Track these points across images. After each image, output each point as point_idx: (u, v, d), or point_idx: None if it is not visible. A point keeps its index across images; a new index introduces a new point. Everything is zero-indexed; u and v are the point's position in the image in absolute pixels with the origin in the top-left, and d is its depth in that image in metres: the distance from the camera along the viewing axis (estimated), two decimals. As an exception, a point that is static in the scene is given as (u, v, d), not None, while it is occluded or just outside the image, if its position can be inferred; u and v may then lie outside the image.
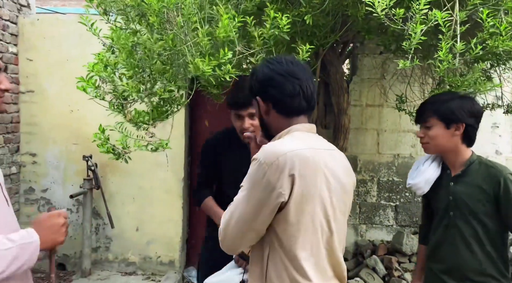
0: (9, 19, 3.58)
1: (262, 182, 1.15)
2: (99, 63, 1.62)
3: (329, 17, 2.05)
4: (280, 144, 1.21)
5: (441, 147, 1.70)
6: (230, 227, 1.21)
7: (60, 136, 3.79)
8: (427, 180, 1.76)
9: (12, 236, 1.16)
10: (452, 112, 1.65)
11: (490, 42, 1.39)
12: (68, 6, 9.79)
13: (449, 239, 1.71)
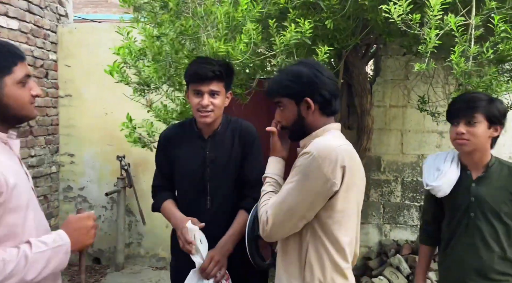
0: (49, 29, 3.84)
1: (316, 174, 1.27)
2: (124, 48, 1.76)
3: (349, 21, 2.13)
4: (329, 140, 1.34)
5: (478, 145, 1.65)
6: (280, 216, 1.31)
7: (95, 137, 4.03)
8: (449, 182, 1.71)
9: (45, 239, 1.18)
10: (499, 112, 1.63)
11: (501, 46, 1.45)
12: (99, 12, 10.21)
13: (468, 240, 1.69)
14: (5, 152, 1.21)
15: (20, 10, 3.41)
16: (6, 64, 1.18)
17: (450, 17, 1.46)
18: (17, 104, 1.20)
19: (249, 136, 1.78)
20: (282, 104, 1.42)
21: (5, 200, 1.11)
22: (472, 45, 1.47)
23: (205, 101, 1.65)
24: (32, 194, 1.26)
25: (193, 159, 1.75)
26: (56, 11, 3.95)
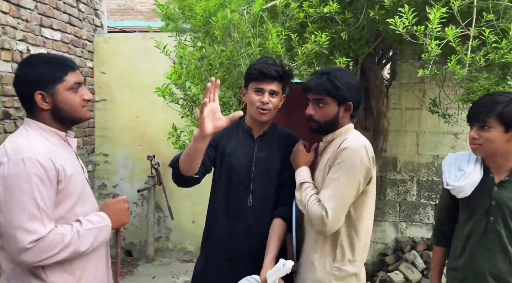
0: (87, 39, 4.19)
1: (360, 166, 1.53)
2: (175, 74, 2.03)
3: (363, 31, 2.34)
4: (358, 137, 1.62)
5: (494, 150, 1.61)
6: (337, 208, 1.52)
7: (128, 139, 4.34)
8: (472, 183, 1.66)
9: (91, 218, 1.41)
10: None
11: (492, 55, 1.63)
12: (126, 20, 10.66)
13: (486, 244, 1.65)
14: (65, 147, 1.44)
15: (62, 22, 3.75)
16: (58, 74, 1.38)
17: (449, 30, 1.65)
18: (69, 108, 1.40)
19: (294, 142, 1.83)
20: (324, 102, 1.62)
21: (64, 187, 1.35)
22: (469, 54, 1.66)
23: (265, 98, 1.71)
24: (86, 184, 1.48)
25: (242, 156, 1.79)
26: (92, 22, 4.29)
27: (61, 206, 1.35)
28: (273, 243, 1.71)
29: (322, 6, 2.06)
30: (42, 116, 1.40)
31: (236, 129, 1.85)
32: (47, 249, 1.28)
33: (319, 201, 1.55)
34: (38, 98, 1.37)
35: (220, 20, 1.89)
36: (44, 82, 1.37)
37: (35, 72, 1.38)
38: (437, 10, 1.65)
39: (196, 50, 2.15)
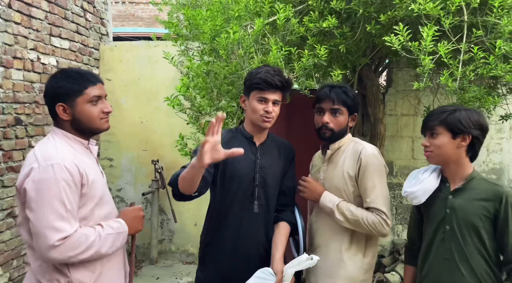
0: (93, 47, 4.31)
1: (384, 169, 1.82)
2: (183, 87, 2.16)
3: (360, 43, 2.48)
4: (368, 143, 1.87)
5: (445, 157, 1.67)
6: (389, 209, 1.75)
7: (132, 144, 4.46)
8: (425, 190, 1.70)
9: (112, 224, 1.53)
10: (459, 122, 1.63)
11: (481, 70, 1.77)
12: (127, 26, 10.77)
13: (444, 254, 1.67)
14: (87, 154, 1.57)
15: (70, 31, 3.88)
16: (78, 88, 1.50)
17: (441, 46, 1.79)
18: (87, 119, 1.52)
19: (291, 152, 1.94)
20: (341, 112, 1.82)
21: (87, 191, 1.47)
22: (460, 69, 1.79)
23: (270, 108, 1.75)
24: (105, 188, 1.61)
25: (245, 163, 1.79)
26: (99, 31, 4.42)
27: (84, 208, 1.48)
28: (281, 241, 1.78)
29: (322, 21, 2.19)
30: (64, 125, 1.53)
31: (235, 136, 1.85)
32: (73, 247, 1.40)
33: (367, 209, 1.75)
34: (59, 109, 1.50)
35: (224, 40, 2.02)
36: (64, 95, 1.50)
37: (58, 85, 1.51)
38: (429, 28, 1.78)
39: (203, 64, 2.29)
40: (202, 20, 2.09)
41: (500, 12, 1.86)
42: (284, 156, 1.91)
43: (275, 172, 1.86)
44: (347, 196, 1.81)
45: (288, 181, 1.91)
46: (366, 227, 1.73)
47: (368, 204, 1.76)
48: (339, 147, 1.87)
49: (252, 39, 2.14)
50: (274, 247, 1.78)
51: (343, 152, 1.86)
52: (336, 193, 1.82)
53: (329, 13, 2.22)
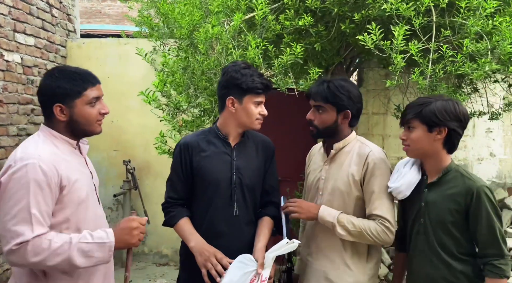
0: (60, 44, 4.16)
1: (388, 170, 1.73)
2: (161, 83, 2.12)
3: (335, 42, 2.52)
4: (374, 145, 1.78)
5: (422, 150, 1.65)
6: (393, 216, 1.68)
7: (102, 144, 4.33)
8: (408, 184, 1.67)
9: (95, 233, 1.38)
10: (434, 114, 1.59)
11: (449, 67, 1.85)
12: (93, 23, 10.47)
13: (419, 246, 1.68)
14: (74, 154, 1.50)
15: (35, 27, 3.72)
16: (77, 89, 1.44)
17: (412, 45, 1.85)
18: (85, 121, 1.47)
19: (270, 148, 1.88)
20: (323, 109, 1.73)
21: (68, 192, 1.40)
22: (430, 67, 1.86)
23: (265, 110, 1.76)
24: (92, 190, 1.52)
25: (220, 165, 1.75)
26: (65, 27, 4.27)
27: (63, 211, 1.40)
28: (263, 233, 1.75)
29: (297, 19, 2.22)
30: (57, 125, 1.47)
31: (207, 138, 1.80)
32: (33, 253, 1.29)
33: (370, 216, 1.68)
34: (56, 110, 1.44)
35: (202, 35, 2.00)
36: (63, 95, 1.43)
37: (57, 85, 1.43)
38: (400, 27, 1.84)
39: (180, 60, 2.26)
40: (179, 14, 2.06)
41: (466, 13, 1.95)
42: (263, 153, 1.85)
43: (253, 172, 1.80)
44: (348, 199, 1.73)
45: (270, 179, 1.87)
46: (369, 238, 1.65)
47: (372, 210, 1.68)
48: (343, 147, 1.77)
49: (230, 35, 2.14)
50: (256, 238, 1.75)
51: (348, 152, 1.76)
52: (337, 195, 1.74)
53: (305, 11, 2.25)
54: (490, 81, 2.93)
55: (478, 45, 1.82)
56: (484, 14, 1.89)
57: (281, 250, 1.60)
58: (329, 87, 1.71)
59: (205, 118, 2.34)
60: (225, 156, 1.77)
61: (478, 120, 3.61)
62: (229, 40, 2.03)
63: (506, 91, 2.98)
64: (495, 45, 1.82)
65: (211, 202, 1.75)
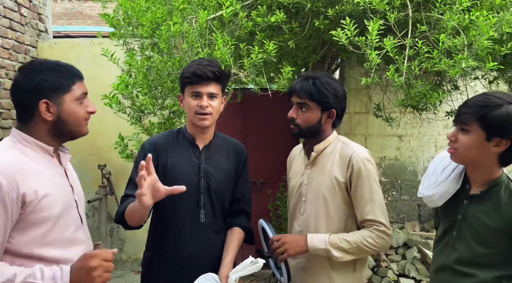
0: (30, 44, 3.99)
1: (377, 173, 1.60)
2: (122, 84, 2.00)
3: (310, 40, 2.43)
4: (357, 145, 1.64)
5: (471, 159, 1.38)
6: (387, 218, 1.57)
7: (76, 147, 4.13)
8: (443, 194, 1.46)
9: (48, 271, 1.14)
10: (501, 123, 1.28)
11: (425, 64, 1.77)
12: (74, 24, 10.25)
13: (445, 260, 1.48)
14: (49, 164, 1.26)
15: (2, 27, 3.56)
16: (66, 83, 1.25)
17: (387, 40, 1.77)
18: (73, 120, 1.27)
19: (243, 154, 1.77)
20: (307, 106, 1.58)
21: (33, 210, 1.15)
22: (405, 63, 1.78)
23: (204, 102, 1.58)
24: (69, 206, 1.27)
25: (187, 169, 1.64)
26: (36, 27, 4.10)
27: (28, 232, 1.17)
28: (232, 246, 1.64)
29: (270, 16, 2.12)
30: (36, 128, 1.24)
31: (177, 140, 1.70)
32: None
33: (362, 223, 1.56)
34: (42, 108, 1.22)
35: (164, 32, 1.88)
36: (50, 90, 1.23)
37: (41, 79, 1.22)
38: (375, 22, 1.75)
39: (145, 59, 2.14)
40: (141, 11, 1.94)
41: (443, 7, 1.88)
42: (235, 158, 1.73)
43: (223, 177, 1.68)
44: (334, 204, 1.59)
45: (242, 186, 1.75)
46: (369, 249, 1.52)
47: (364, 216, 1.55)
48: (324, 148, 1.64)
49: (197, 33, 2.03)
50: (224, 251, 1.65)
51: (330, 154, 1.63)
52: (321, 200, 1.60)
53: (278, 7, 2.15)
54: (470, 78, 2.88)
55: (454, 41, 1.75)
56: (461, 9, 1.82)
57: (245, 271, 1.47)
58: (315, 83, 1.57)
59: (175, 120, 2.23)
60: (193, 158, 1.66)
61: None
62: (196, 39, 1.91)
63: (487, 88, 2.94)
64: (472, 41, 1.75)
65: (177, 207, 1.63)
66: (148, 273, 1.71)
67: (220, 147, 1.73)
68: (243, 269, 1.48)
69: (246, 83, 2.77)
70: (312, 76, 1.61)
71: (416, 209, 4.06)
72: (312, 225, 1.63)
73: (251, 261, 1.47)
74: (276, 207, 3.87)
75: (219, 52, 1.91)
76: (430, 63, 1.75)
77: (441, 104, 2.72)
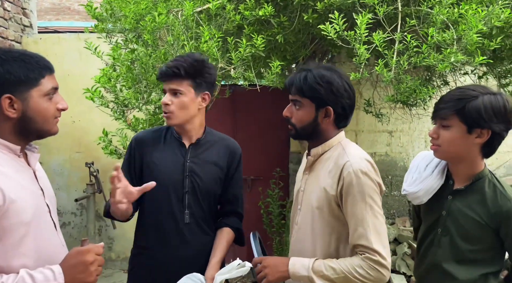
0: (14, 39, 3.90)
1: (375, 187, 1.32)
2: (104, 77, 1.94)
3: (299, 34, 2.40)
4: (356, 152, 1.36)
5: (454, 153, 1.37)
6: (386, 244, 1.29)
7: (63, 145, 4.10)
8: (428, 190, 1.44)
9: (37, 274, 1.07)
10: (479, 113, 1.29)
11: (414, 59, 1.74)
12: (62, 19, 10.10)
13: (431, 258, 1.45)
14: (15, 165, 1.15)
15: (-16, 22, 3.47)
16: (33, 76, 1.13)
17: (376, 34, 1.74)
18: (41, 118, 1.16)
19: (236, 153, 1.69)
20: (300, 104, 1.38)
21: (2, 217, 1.05)
22: (394, 58, 1.75)
23: (164, 99, 1.53)
24: (42, 211, 1.18)
25: (171, 167, 1.59)
26: (20, 22, 4.01)
27: (1, 240, 1.06)
28: (221, 246, 1.60)
29: (258, 9, 2.08)
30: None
31: (164, 137, 1.65)
32: None
33: (354, 248, 1.33)
34: (5, 103, 1.10)
35: (149, 23, 1.83)
36: (15, 84, 1.10)
37: (5, 70, 1.10)
38: (363, 16, 1.72)
39: (129, 52, 2.08)
40: (124, 2, 1.88)
41: (432, 1, 1.85)
42: (226, 157, 1.66)
43: (210, 176, 1.62)
44: (320, 220, 1.39)
45: (234, 188, 1.69)
46: (358, 281, 1.29)
47: (355, 240, 1.32)
48: (323, 153, 1.42)
49: (183, 26, 1.98)
50: (212, 251, 1.60)
51: (327, 160, 1.41)
52: (310, 212, 1.42)
53: (266, 1, 2.11)
54: (460, 73, 2.87)
55: (444, 35, 1.72)
56: (450, 2, 1.80)
57: (231, 273, 1.41)
58: (306, 77, 1.36)
59: (161, 115, 2.18)
60: (178, 156, 1.61)
61: (449, 114, 3.55)
62: (182, 31, 1.86)
63: (476, 83, 2.93)
64: (462, 35, 1.73)
65: (161, 206, 1.60)
66: (134, 270, 1.69)
67: (210, 145, 1.66)
68: (229, 272, 1.42)
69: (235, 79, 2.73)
70: (308, 68, 1.41)
71: (406, 205, 4.06)
72: (302, 239, 1.46)
73: (238, 263, 1.41)
74: (267, 204, 3.84)
75: (206, 45, 1.87)
76: (419, 57, 1.73)
77: (431, 99, 2.70)
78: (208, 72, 1.58)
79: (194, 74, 1.54)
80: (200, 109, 1.60)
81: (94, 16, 2.16)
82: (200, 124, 1.64)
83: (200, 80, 1.56)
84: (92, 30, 3.59)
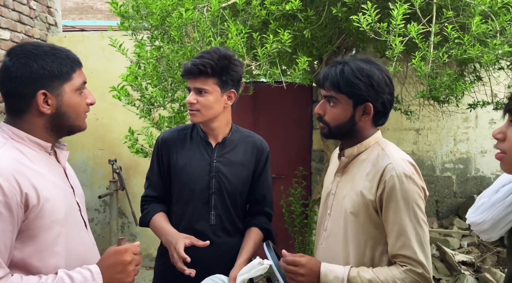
0: (39, 38, 3.95)
1: (420, 193, 1.21)
2: (131, 75, 1.92)
3: (326, 29, 2.32)
4: (399, 154, 1.25)
5: None
6: (428, 254, 1.20)
7: (87, 142, 4.14)
8: (496, 223, 1.07)
9: (75, 274, 1.05)
10: None
11: (454, 51, 1.64)
12: (85, 19, 10.26)
13: None
14: (47, 163, 1.12)
15: (11, 21, 3.51)
16: (66, 70, 1.11)
17: (412, 26, 1.65)
18: (74, 113, 1.14)
19: (264, 151, 1.64)
20: (336, 100, 1.26)
21: (37, 214, 1.03)
22: (431, 51, 1.66)
23: (189, 98, 1.49)
24: (73, 209, 1.16)
25: (197, 167, 1.56)
26: (46, 21, 4.06)
27: (33, 240, 1.04)
28: (248, 246, 1.56)
29: (284, 4, 2.02)
30: (31, 122, 1.10)
31: (190, 136, 1.61)
32: None
33: (393, 258, 1.23)
34: (40, 99, 1.07)
35: (175, 20, 1.79)
36: (49, 79, 1.08)
37: (40, 65, 1.07)
38: (400, 6, 1.64)
39: (154, 50, 2.05)
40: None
41: (471, -9, 1.75)
42: (254, 156, 1.61)
43: (237, 177, 1.57)
44: (355, 226, 1.27)
45: (262, 187, 1.64)
46: None
47: (396, 250, 1.20)
48: (359, 153, 1.30)
49: (209, 21, 1.94)
50: (239, 252, 1.56)
51: (363, 161, 1.29)
52: (342, 218, 1.30)
53: (292, -6, 2.04)
54: (494, 69, 2.74)
55: (486, 26, 1.61)
56: (492, -8, 1.69)
57: (252, 272, 1.36)
58: (343, 71, 1.23)
59: (186, 114, 2.15)
60: (204, 156, 1.57)
61: (481, 110, 3.41)
62: (208, 27, 1.82)
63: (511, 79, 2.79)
64: (504, 26, 1.62)
65: (187, 207, 1.57)
66: (159, 269, 1.67)
67: (237, 143, 1.62)
68: (249, 271, 1.38)
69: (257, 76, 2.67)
70: (343, 61, 1.27)
71: (434, 205, 3.93)
72: (333, 248, 1.34)
73: (258, 261, 1.36)
74: (289, 203, 3.78)
75: (232, 41, 1.82)
76: (461, 50, 1.63)
77: (463, 96, 2.60)
78: (235, 69, 1.52)
79: (221, 72, 1.49)
80: (225, 108, 1.56)
81: (119, 13, 2.14)
82: (226, 123, 1.60)
83: (227, 77, 1.51)
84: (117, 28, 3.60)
